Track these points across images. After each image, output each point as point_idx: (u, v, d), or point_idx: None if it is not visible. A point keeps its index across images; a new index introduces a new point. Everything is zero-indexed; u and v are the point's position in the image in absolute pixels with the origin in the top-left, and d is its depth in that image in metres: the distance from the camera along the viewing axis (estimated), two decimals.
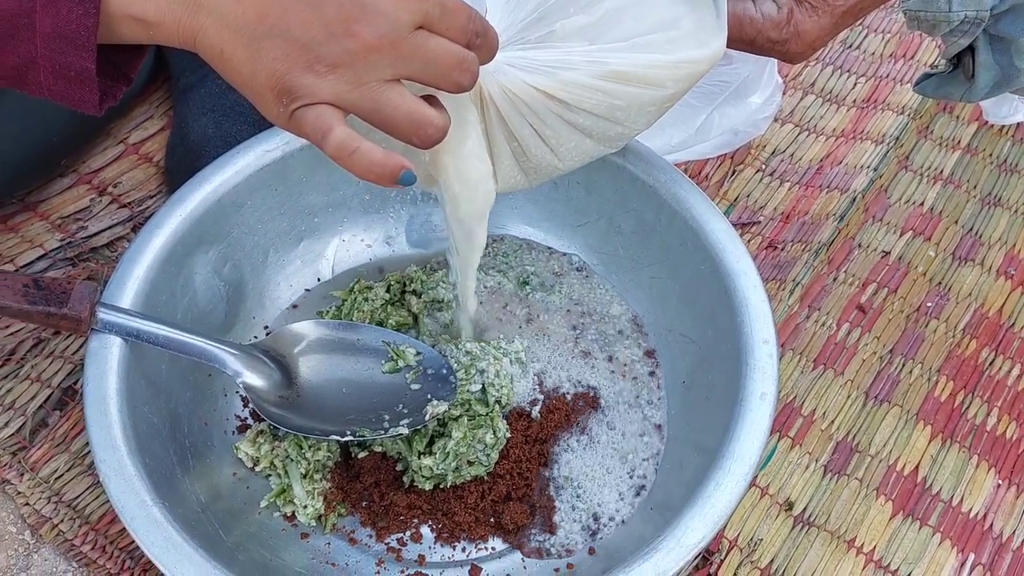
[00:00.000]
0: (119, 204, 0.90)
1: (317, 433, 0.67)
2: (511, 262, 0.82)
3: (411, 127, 0.52)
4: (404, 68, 0.51)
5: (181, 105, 0.91)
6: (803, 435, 0.79)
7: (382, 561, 0.67)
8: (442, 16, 0.52)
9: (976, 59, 0.74)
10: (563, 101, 0.60)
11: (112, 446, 0.61)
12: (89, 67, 0.52)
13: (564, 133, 0.62)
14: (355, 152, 0.52)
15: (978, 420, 0.80)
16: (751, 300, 0.69)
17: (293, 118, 0.52)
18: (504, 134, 0.62)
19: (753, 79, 0.95)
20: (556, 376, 0.75)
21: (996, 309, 0.87)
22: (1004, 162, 0.99)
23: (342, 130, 0.51)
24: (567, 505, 0.69)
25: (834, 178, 0.96)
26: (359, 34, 0.50)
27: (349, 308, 0.76)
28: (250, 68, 0.51)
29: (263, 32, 0.50)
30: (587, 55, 0.60)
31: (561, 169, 0.65)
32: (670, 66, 0.61)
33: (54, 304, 0.63)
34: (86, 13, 0.51)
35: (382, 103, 0.51)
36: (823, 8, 0.69)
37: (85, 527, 0.71)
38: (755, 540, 0.73)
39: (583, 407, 0.73)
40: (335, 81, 0.51)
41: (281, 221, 0.78)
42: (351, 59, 0.50)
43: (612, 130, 0.63)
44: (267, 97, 0.52)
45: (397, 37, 0.51)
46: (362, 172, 0.52)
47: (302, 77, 0.50)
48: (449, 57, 0.52)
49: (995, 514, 0.76)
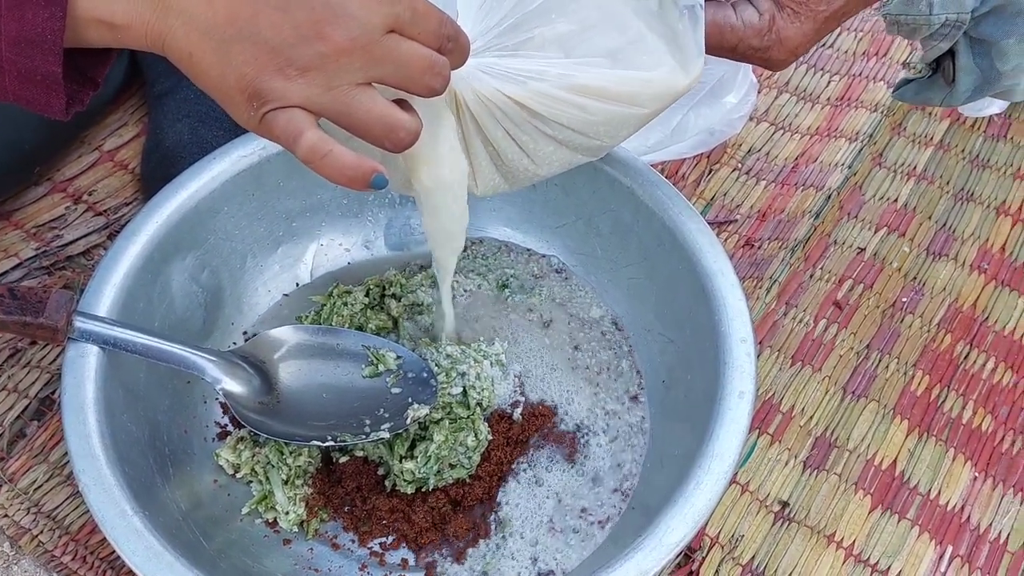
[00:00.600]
0: (94, 212, 0.89)
1: (298, 439, 0.67)
2: (490, 264, 0.82)
3: (383, 131, 0.52)
4: (375, 72, 0.51)
5: (156, 111, 0.91)
6: (782, 431, 0.79)
7: (365, 566, 0.67)
8: (413, 20, 0.52)
9: (956, 63, 0.73)
10: (536, 112, 0.61)
11: (91, 455, 0.60)
12: (55, 71, 0.52)
13: (540, 141, 0.63)
14: (327, 156, 0.51)
15: (954, 413, 0.81)
16: (728, 300, 0.69)
17: (263, 122, 0.52)
18: (481, 139, 0.62)
19: (728, 79, 0.96)
20: (536, 378, 0.75)
21: (970, 303, 0.88)
22: (976, 158, 1.00)
23: (313, 133, 0.51)
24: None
25: (809, 176, 0.97)
26: (330, 37, 0.50)
27: (328, 313, 0.76)
28: (220, 71, 0.51)
29: (233, 35, 0.50)
30: (562, 67, 0.61)
31: (540, 175, 0.65)
32: (646, 84, 0.61)
33: (30, 313, 0.62)
34: (52, 16, 0.50)
35: (353, 106, 0.51)
36: (805, 14, 0.67)
37: (65, 537, 0.71)
38: (736, 536, 0.74)
39: (559, 413, 0.73)
40: (306, 84, 0.50)
41: (259, 226, 0.78)
42: (322, 62, 0.50)
43: (588, 143, 0.64)
44: (237, 100, 0.51)
45: (368, 40, 0.51)
46: (334, 176, 0.52)
47: (272, 80, 0.50)
48: (421, 61, 0.52)
49: (972, 506, 0.77)
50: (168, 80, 0.91)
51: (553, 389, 0.74)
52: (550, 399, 0.74)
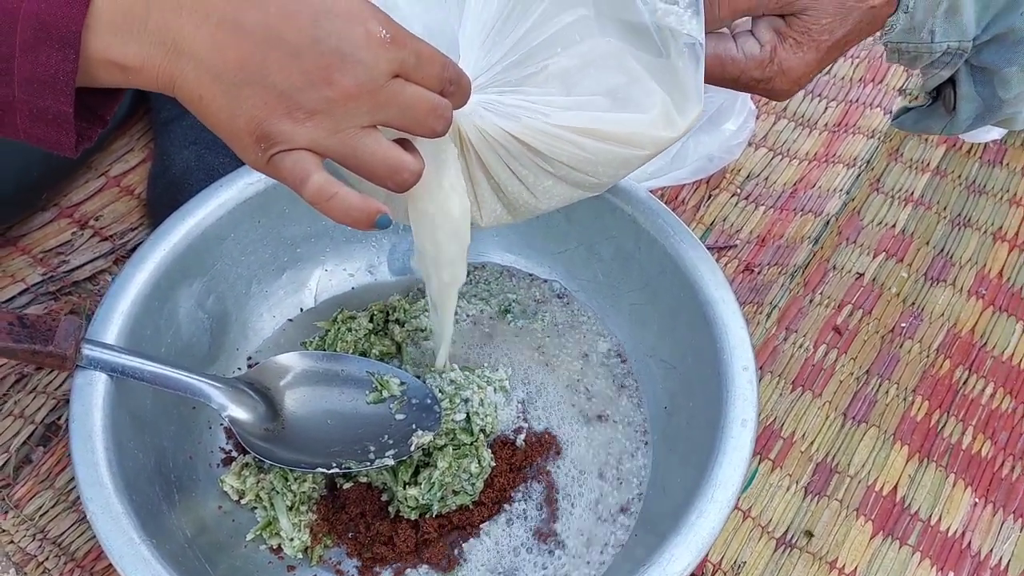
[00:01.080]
0: (101, 237, 0.90)
1: (303, 465, 0.67)
2: (492, 289, 0.82)
3: (387, 172, 0.54)
4: (381, 115, 0.53)
5: (162, 137, 0.91)
6: (783, 457, 0.80)
7: None
8: (417, 65, 0.53)
9: (958, 91, 0.73)
10: (536, 149, 0.61)
11: (99, 483, 0.61)
12: (67, 111, 0.53)
13: (540, 176, 0.63)
14: (333, 197, 0.53)
15: (954, 439, 0.82)
16: (730, 327, 0.70)
17: (271, 163, 0.53)
18: (483, 172, 0.63)
19: (727, 106, 0.97)
20: (539, 406, 0.75)
21: (968, 329, 0.89)
22: (973, 183, 1.01)
23: (320, 176, 0.52)
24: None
25: (808, 201, 0.98)
26: (338, 82, 0.51)
27: (333, 338, 0.76)
28: (229, 113, 0.52)
29: (243, 79, 0.51)
30: (562, 105, 0.61)
31: (541, 208, 0.66)
32: (642, 127, 0.62)
33: (39, 342, 0.63)
34: (66, 59, 0.51)
35: (359, 149, 0.53)
36: (808, 44, 0.67)
37: (71, 564, 0.71)
38: (739, 563, 0.74)
39: (560, 439, 0.74)
40: (313, 128, 0.52)
41: (264, 252, 0.79)
42: (330, 107, 0.51)
43: (587, 180, 0.64)
44: (245, 142, 0.52)
45: (375, 86, 0.52)
46: (339, 217, 0.54)
47: (280, 123, 0.51)
48: (425, 104, 0.53)
49: (973, 532, 0.77)
50: (175, 107, 0.92)
51: (554, 417, 0.75)
52: (553, 427, 0.74)
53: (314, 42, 0.51)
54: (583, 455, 0.73)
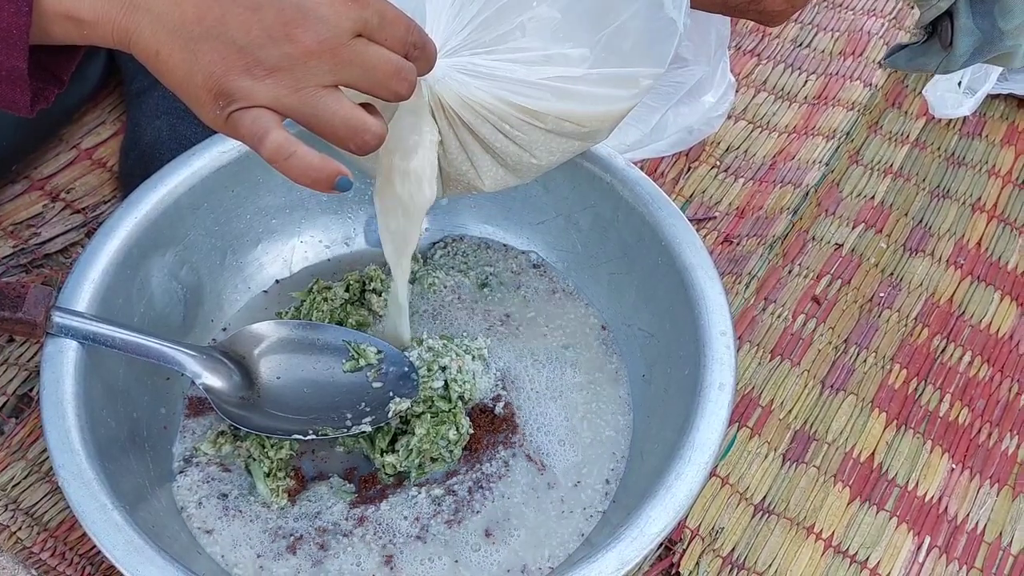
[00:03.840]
0: (73, 210, 0.89)
1: (279, 433, 0.67)
2: (470, 261, 0.82)
3: (348, 133, 0.52)
4: (343, 75, 0.52)
5: (134, 109, 0.90)
6: (761, 425, 0.80)
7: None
8: (381, 25, 0.52)
9: (955, 24, 0.71)
10: (518, 105, 0.61)
11: (70, 450, 0.60)
12: (20, 67, 0.51)
13: (530, 132, 0.63)
14: (292, 156, 0.52)
15: (931, 406, 0.82)
16: (708, 293, 0.69)
17: (229, 120, 0.52)
18: (472, 138, 0.62)
19: (706, 79, 0.97)
20: (520, 374, 0.75)
21: (947, 298, 0.89)
22: (952, 155, 1.01)
23: (279, 133, 0.51)
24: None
25: (787, 173, 0.97)
26: (299, 39, 0.50)
27: (308, 308, 0.76)
28: (186, 69, 0.51)
29: (201, 34, 0.50)
30: (539, 60, 0.60)
31: (543, 165, 0.65)
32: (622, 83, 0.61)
33: (8, 308, 0.62)
34: (19, 12, 0.50)
35: (320, 108, 0.51)
36: None
37: (44, 534, 0.71)
38: (716, 529, 0.74)
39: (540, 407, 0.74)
40: (273, 85, 0.51)
41: (238, 223, 0.78)
42: (291, 63, 0.50)
43: (577, 130, 0.64)
44: (203, 99, 0.51)
45: (337, 43, 0.51)
46: (298, 176, 0.52)
47: (240, 80, 0.50)
48: (388, 65, 0.53)
49: (949, 497, 0.77)
50: (146, 78, 0.90)
51: (533, 385, 0.75)
52: (532, 396, 0.74)
53: None
54: (562, 424, 0.73)
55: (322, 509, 0.67)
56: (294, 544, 0.65)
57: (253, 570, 0.64)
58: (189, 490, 0.68)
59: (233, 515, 0.66)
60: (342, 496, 0.68)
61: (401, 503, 0.67)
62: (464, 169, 0.64)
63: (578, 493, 0.69)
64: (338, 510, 0.67)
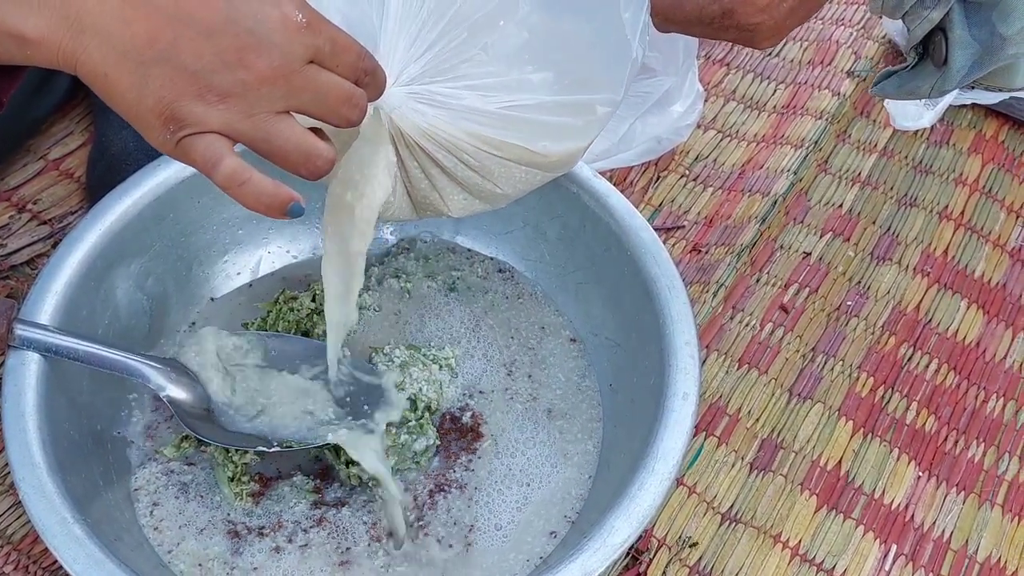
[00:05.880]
0: (39, 221, 0.88)
1: (244, 444, 0.67)
2: (436, 267, 0.82)
3: (300, 158, 0.52)
4: (295, 100, 0.52)
5: (101, 120, 0.90)
6: (729, 433, 0.80)
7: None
8: (333, 52, 0.52)
9: (950, 37, 0.67)
10: (476, 134, 0.60)
11: (31, 464, 0.60)
12: None
13: (489, 161, 0.62)
14: (246, 183, 0.51)
15: (898, 414, 0.83)
16: (672, 303, 0.70)
17: (180, 145, 0.51)
18: (433, 165, 0.62)
19: (675, 89, 0.97)
20: (487, 383, 0.75)
21: (914, 306, 0.90)
22: (919, 164, 1.02)
23: (233, 160, 0.51)
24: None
25: (756, 182, 0.98)
26: (253, 65, 0.50)
27: (274, 319, 0.75)
28: (136, 94, 0.50)
29: (152, 57, 0.49)
30: (497, 87, 0.60)
31: (509, 194, 0.65)
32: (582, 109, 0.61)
33: None
34: None
35: (272, 133, 0.51)
36: None
37: (7, 547, 0.70)
38: (684, 538, 0.74)
39: (511, 415, 0.74)
40: (225, 111, 0.50)
41: (204, 234, 0.77)
42: (243, 89, 0.50)
43: (539, 159, 0.63)
44: (152, 123, 0.51)
45: (290, 70, 0.51)
46: (252, 203, 0.52)
47: (191, 105, 0.50)
48: (339, 92, 0.53)
49: (916, 505, 0.78)
50: None
51: (500, 394, 0.75)
52: (500, 406, 0.74)
53: (228, 22, 0.49)
54: (529, 433, 0.73)
55: (284, 509, 0.67)
56: (253, 541, 0.65)
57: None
58: (147, 490, 0.68)
59: (191, 517, 0.66)
60: (305, 496, 0.68)
61: (361, 507, 0.67)
62: (430, 196, 0.64)
63: (546, 501, 0.69)
64: (299, 510, 0.67)
